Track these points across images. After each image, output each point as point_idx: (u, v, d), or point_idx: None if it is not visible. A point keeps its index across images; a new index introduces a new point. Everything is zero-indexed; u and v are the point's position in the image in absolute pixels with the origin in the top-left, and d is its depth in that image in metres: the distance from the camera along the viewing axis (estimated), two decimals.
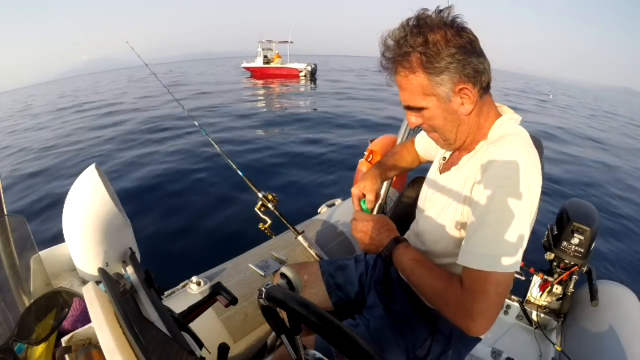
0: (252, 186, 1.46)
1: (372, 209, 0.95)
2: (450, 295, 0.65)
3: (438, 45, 0.63)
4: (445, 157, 0.86)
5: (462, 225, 0.71)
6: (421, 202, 0.89)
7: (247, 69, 24.22)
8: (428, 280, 0.70)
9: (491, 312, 0.60)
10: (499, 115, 0.74)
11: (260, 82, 19.02)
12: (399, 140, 1.35)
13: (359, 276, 1.03)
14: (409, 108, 0.73)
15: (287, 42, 24.89)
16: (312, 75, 20.92)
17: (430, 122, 0.73)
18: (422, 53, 0.64)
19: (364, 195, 0.94)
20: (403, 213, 1.11)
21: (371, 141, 1.57)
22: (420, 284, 0.72)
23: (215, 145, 1.60)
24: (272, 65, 23.47)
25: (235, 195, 3.50)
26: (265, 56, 24.06)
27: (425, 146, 1.04)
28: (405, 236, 0.94)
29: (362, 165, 1.54)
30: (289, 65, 22.52)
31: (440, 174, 0.82)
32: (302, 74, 20.98)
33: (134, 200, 3.58)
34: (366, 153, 1.53)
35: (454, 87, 0.66)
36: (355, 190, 0.95)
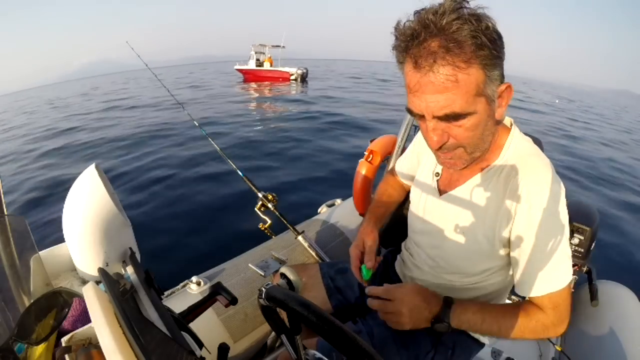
0: (252, 186, 1.46)
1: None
2: (535, 323, 0.64)
3: (494, 32, 0.53)
4: (438, 173, 0.79)
5: (495, 243, 0.68)
6: (422, 223, 0.82)
7: (240, 70, 24.69)
8: (506, 323, 0.66)
9: (570, 308, 0.65)
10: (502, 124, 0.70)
11: (254, 84, 19.20)
12: (399, 141, 1.35)
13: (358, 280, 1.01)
14: (446, 118, 0.57)
15: (279, 46, 25.40)
16: (303, 79, 21.28)
17: (469, 134, 0.59)
18: (486, 39, 0.52)
19: (362, 255, 0.82)
20: (402, 216, 1.11)
21: (371, 141, 1.56)
22: (498, 330, 0.67)
23: (216, 146, 1.60)
24: (264, 68, 23.91)
25: (235, 195, 3.50)
26: (257, 59, 24.53)
27: (408, 171, 0.96)
28: (406, 253, 0.92)
29: (362, 166, 1.54)
30: (280, 68, 22.92)
31: (441, 194, 0.77)
32: (292, 77, 21.33)
33: (133, 200, 3.58)
34: (366, 153, 1.53)
35: (499, 86, 0.58)
36: (354, 251, 0.83)
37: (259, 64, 24.31)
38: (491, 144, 0.66)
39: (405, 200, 1.10)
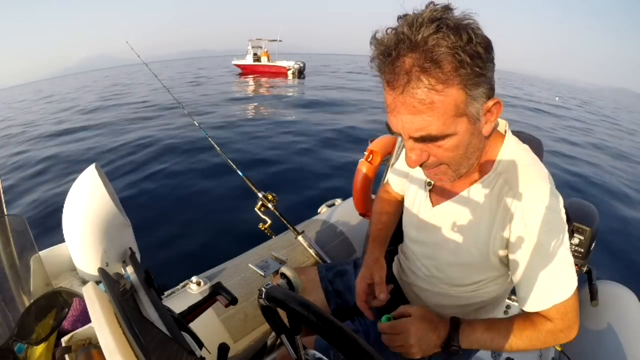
0: (252, 186, 1.46)
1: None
2: (545, 335, 0.63)
3: (479, 46, 0.48)
4: (430, 183, 0.75)
5: (490, 257, 0.67)
6: (415, 232, 0.80)
7: (238, 65, 24.95)
8: (515, 340, 0.64)
9: (578, 312, 0.63)
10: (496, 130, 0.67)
11: (251, 80, 19.25)
12: (399, 141, 1.35)
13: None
14: (422, 139, 0.54)
15: (276, 40, 25.61)
16: (300, 73, 21.27)
17: (450, 154, 0.56)
18: (466, 56, 0.47)
19: (369, 288, 0.77)
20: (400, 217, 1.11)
21: (371, 141, 1.56)
22: (509, 346, 0.64)
23: (215, 146, 1.60)
24: (261, 62, 24.14)
25: (235, 195, 3.49)
26: (255, 54, 24.74)
27: (402, 181, 0.90)
28: (402, 260, 0.91)
29: (362, 166, 1.53)
30: (277, 63, 23.06)
31: (434, 205, 0.74)
32: (290, 71, 21.33)
33: (133, 199, 3.58)
34: (366, 153, 1.52)
35: (484, 104, 0.54)
36: (360, 284, 0.78)
37: (256, 58, 24.53)
38: (482, 156, 0.64)
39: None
